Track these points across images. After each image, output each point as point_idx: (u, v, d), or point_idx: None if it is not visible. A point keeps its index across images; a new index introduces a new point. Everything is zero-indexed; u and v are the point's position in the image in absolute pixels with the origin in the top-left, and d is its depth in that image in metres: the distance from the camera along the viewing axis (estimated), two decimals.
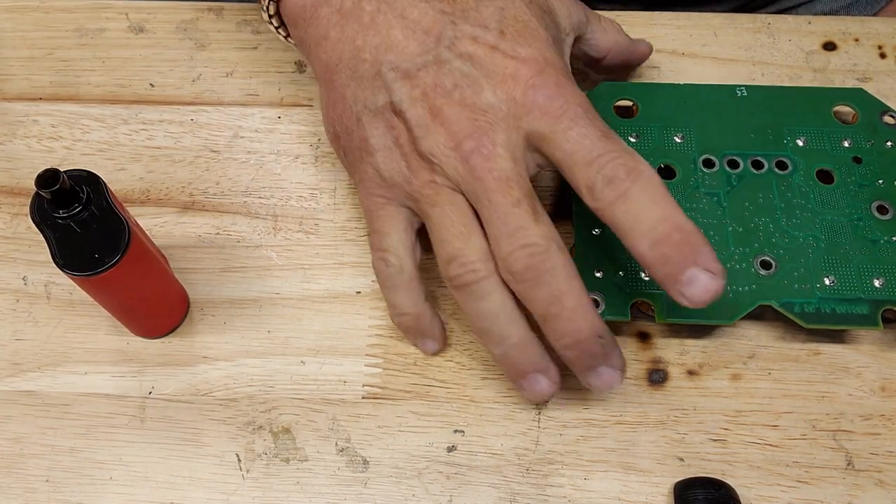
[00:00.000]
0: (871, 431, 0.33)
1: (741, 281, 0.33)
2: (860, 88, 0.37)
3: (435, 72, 0.30)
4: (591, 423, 0.33)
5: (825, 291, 0.33)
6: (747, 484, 0.32)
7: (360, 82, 0.31)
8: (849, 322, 0.33)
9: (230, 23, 0.41)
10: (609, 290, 0.33)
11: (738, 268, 0.34)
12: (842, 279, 0.33)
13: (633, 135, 0.36)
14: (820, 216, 0.34)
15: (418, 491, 0.32)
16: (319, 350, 0.35)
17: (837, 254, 0.34)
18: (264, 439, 0.33)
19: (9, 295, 0.36)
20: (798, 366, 0.34)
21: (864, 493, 0.32)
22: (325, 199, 0.38)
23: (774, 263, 0.33)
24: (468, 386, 0.34)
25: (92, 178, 0.30)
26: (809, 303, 0.33)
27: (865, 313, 0.33)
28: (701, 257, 0.27)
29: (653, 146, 0.36)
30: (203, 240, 0.37)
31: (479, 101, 0.30)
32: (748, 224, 0.34)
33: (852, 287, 0.33)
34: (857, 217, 0.34)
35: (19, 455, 0.33)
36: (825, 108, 0.37)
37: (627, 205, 0.28)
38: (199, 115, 0.39)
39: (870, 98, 0.37)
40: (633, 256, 0.28)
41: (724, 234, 0.34)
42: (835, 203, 0.35)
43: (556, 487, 0.32)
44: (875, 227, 0.34)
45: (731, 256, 0.34)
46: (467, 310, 0.31)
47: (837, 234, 0.34)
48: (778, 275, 0.33)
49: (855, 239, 0.34)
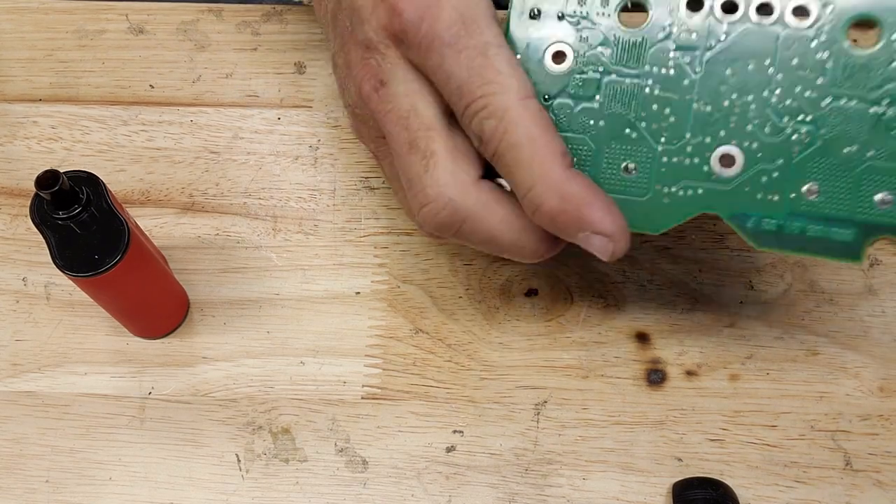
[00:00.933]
0: (869, 432, 0.33)
1: (688, 180, 0.26)
2: None
3: (340, 14, 0.29)
4: (590, 423, 0.34)
5: (798, 204, 0.25)
6: (745, 484, 0.32)
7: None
8: (818, 249, 0.25)
9: (230, 24, 0.41)
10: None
11: (689, 163, 0.26)
12: (828, 189, 0.25)
13: None
14: (832, 95, 0.25)
15: (417, 491, 0.32)
16: (319, 350, 0.35)
17: (836, 153, 0.25)
18: (264, 440, 0.33)
19: (9, 296, 0.36)
20: (796, 366, 0.34)
21: (863, 494, 0.32)
22: (324, 200, 0.38)
23: (740, 160, 0.26)
24: (467, 386, 0.34)
25: (91, 179, 0.30)
26: (771, 218, 0.25)
27: (847, 240, 0.25)
28: (586, 222, 0.25)
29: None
30: (203, 241, 0.37)
31: (364, 36, 0.27)
32: (721, 102, 0.26)
33: (840, 201, 0.25)
34: (889, 101, 0.24)
35: (19, 456, 0.33)
36: None
37: (500, 166, 0.26)
38: (198, 117, 0.39)
39: None
40: None
41: (684, 115, 0.26)
42: (863, 77, 0.25)
43: (554, 487, 0.32)
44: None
45: (682, 147, 0.26)
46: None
47: (847, 125, 0.25)
48: (740, 176, 0.26)
49: (872, 133, 0.25)
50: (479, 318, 0.35)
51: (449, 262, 0.36)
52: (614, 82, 0.27)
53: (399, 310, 0.36)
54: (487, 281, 0.36)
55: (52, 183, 0.27)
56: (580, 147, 0.27)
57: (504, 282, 0.36)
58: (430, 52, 0.26)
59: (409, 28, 0.26)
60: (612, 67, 0.27)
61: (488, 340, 0.35)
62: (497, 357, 0.35)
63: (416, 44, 0.26)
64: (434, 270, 0.36)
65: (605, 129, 0.27)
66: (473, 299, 0.36)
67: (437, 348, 0.35)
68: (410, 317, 0.35)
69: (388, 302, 0.36)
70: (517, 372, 0.34)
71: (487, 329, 0.35)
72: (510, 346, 0.35)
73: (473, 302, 0.36)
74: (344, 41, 0.29)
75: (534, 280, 0.36)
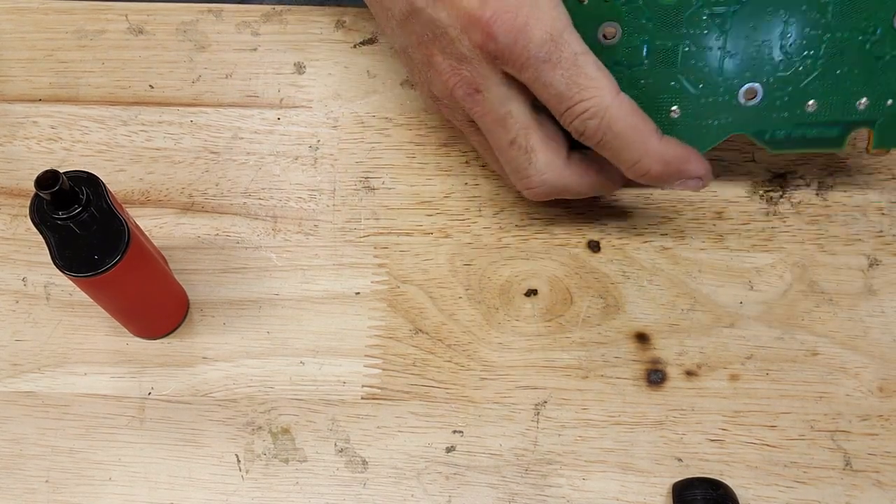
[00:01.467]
0: (869, 432, 0.33)
1: (721, 114, 0.33)
2: None
3: (415, 22, 0.31)
4: (590, 423, 0.34)
5: (802, 117, 0.33)
6: (745, 484, 0.32)
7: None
8: (815, 145, 0.33)
9: (229, 24, 0.41)
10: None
11: (721, 101, 0.33)
12: (824, 103, 0.33)
13: None
14: (831, 33, 0.32)
15: (417, 491, 0.32)
16: (319, 351, 0.35)
17: (832, 76, 0.33)
18: (263, 440, 0.33)
19: (8, 296, 0.36)
20: (796, 366, 0.34)
21: (863, 494, 0.32)
22: (324, 200, 0.38)
23: (760, 92, 0.33)
24: (467, 387, 0.34)
25: (91, 179, 0.30)
26: (780, 130, 0.33)
27: (834, 135, 0.33)
28: (685, 174, 0.32)
29: None
30: (203, 241, 0.37)
31: (454, 50, 0.31)
32: (746, 50, 0.32)
33: (833, 110, 0.33)
34: (873, 30, 0.32)
35: (19, 456, 0.33)
36: None
37: (605, 150, 0.31)
38: (198, 117, 0.39)
39: None
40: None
41: (717, 64, 0.33)
42: (855, 15, 0.32)
43: (554, 488, 0.32)
44: (888, 41, 0.32)
45: (715, 88, 0.33)
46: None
47: (840, 55, 0.32)
48: (760, 104, 0.33)
49: (859, 57, 0.32)
50: (479, 318, 0.35)
51: (449, 262, 0.36)
52: (658, 47, 0.33)
53: (399, 310, 0.36)
54: (487, 281, 0.36)
55: (52, 183, 0.27)
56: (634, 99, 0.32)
57: (504, 282, 0.36)
58: (526, 68, 0.30)
59: (504, 49, 0.30)
60: (655, 34, 0.32)
61: (488, 340, 0.35)
62: (497, 357, 0.35)
63: (512, 62, 0.30)
64: (434, 270, 0.36)
65: (653, 85, 0.33)
66: (473, 299, 0.36)
67: (436, 348, 0.35)
68: (410, 317, 0.35)
69: (388, 302, 0.36)
70: (517, 372, 0.34)
71: (487, 329, 0.35)
72: (510, 346, 0.35)
73: (473, 302, 0.36)
74: (422, 43, 0.32)
75: (534, 280, 0.36)
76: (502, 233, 0.37)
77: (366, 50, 0.41)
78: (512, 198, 0.38)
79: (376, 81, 0.40)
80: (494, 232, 0.37)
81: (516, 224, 0.37)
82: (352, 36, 0.41)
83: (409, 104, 0.40)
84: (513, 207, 0.37)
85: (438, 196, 0.38)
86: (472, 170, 0.38)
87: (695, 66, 0.33)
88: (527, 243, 0.37)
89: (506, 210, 0.37)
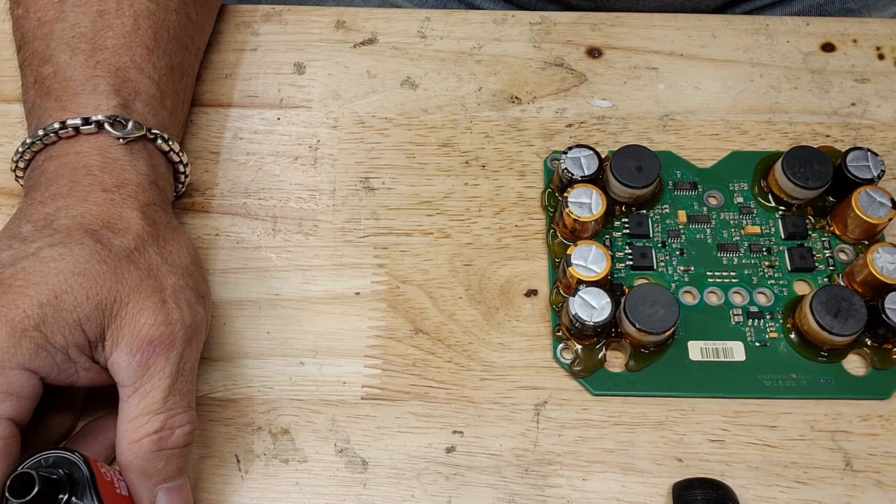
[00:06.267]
0: (869, 432, 0.33)
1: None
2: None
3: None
4: (590, 423, 0.34)
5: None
6: (745, 484, 0.32)
7: None
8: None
9: (229, 24, 0.41)
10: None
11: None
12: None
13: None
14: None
15: (417, 492, 0.32)
16: (318, 351, 0.35)
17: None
18: (263, 440, 0.33)
19: None
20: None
21: (863, 494, 0.32)
22: (324, 200, 0.38)
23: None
24: (467, 387, 0.34)
25: (70, 468, 0.27)
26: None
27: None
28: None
29: None
30: (203, 241, 0.37)
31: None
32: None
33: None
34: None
35: None
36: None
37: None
38: (198, 117, 0.39)
39: None
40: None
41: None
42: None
43: (554, 488, 0.32)
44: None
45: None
46: None
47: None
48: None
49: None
50: (479, 318, 0.35)
51: (449, 262, 0.36)
52: None
53: (399, 310, 0.36)
54: (487, 281, 0.36)
55: (28, 488, 0.25)
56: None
57: (504, 282, 0.36)
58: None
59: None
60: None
61: (488, 341, 0.35)
62: (497, 357, 0.35)
63: None
64: (434, 270, 0.36)
65: None
66: (473, 299, 0.36)
67: (436, 349, 0.35)
68: (410, 317, 0.35)
69: (388, 302, 0.36)
70: (517, 372, 0.34)
71: (487, 329, 0.35)
72: (510, 346, 0.35)
73: (473, 302, 0.36)
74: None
75: (534, 280, 0.36)
76: (502, 233, 0.37)
77: (366, 50, 0.41)
78: (512, 198, 0.38)
79: (376, 81, 0.40)
80: (494, 232, 0.37)
81: (516, 224, 0.37)
82: (352, 36, 0.41)
83: (409, 104, 0.40)
84: (513, 207, 0.37)
85: (438, 196, 0.38)
86: (472, 170, 0.38)
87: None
88: (527, 243, 0.37)
89: (506, 210, 0.37)
